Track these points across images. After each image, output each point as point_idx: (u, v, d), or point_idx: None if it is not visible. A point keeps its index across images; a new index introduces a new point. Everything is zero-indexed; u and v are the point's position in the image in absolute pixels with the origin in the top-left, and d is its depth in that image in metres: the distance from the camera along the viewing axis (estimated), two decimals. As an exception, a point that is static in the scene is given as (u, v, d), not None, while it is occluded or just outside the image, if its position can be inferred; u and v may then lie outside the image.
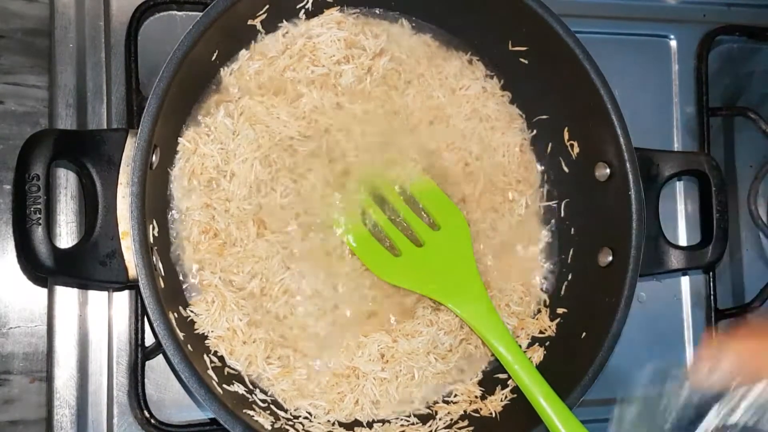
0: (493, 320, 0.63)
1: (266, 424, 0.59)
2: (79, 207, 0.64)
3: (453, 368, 0.66)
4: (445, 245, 0.65)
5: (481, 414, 0.65)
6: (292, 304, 0.63)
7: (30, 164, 0.54)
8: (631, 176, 0.63)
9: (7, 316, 0.66)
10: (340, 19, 0.66)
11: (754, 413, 0.48)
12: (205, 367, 0.58)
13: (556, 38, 0.64)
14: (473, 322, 0.63)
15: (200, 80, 0.63)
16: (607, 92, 0.64)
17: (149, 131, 0.55)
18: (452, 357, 0.66)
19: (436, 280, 0.65)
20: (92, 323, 0.64)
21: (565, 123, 0.68)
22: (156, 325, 0.54)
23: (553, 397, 0.59)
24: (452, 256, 0.65)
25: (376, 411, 0.64)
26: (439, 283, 0.64)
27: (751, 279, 0.81)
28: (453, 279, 0.64)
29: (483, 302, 0.64)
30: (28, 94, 0.68)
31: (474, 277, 0.65)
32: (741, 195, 0.82)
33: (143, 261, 0.53)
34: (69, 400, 0.63)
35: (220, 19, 0.58)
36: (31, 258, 0.54)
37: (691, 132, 0.80)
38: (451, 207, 0.66)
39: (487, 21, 0.67)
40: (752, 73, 0.85)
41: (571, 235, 0.69)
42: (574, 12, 0.73)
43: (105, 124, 0.66)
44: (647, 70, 0.81)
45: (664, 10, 0.82)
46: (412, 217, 0.66)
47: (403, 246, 0.65)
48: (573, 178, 0.69)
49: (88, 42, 0.66)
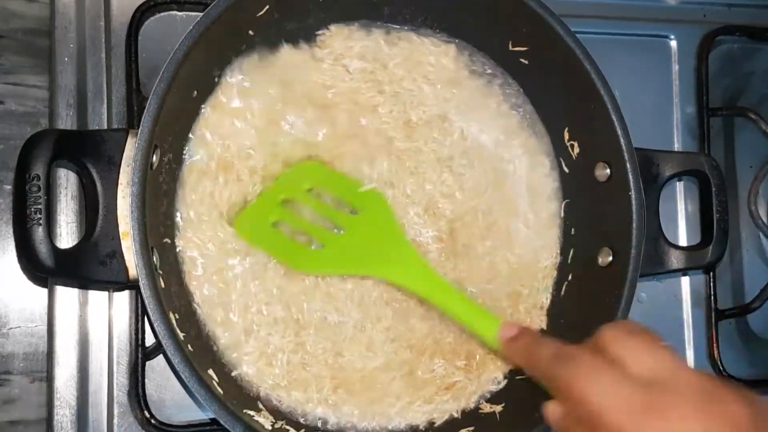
0: (423, 272, 0.61)
1: (266, 424, 0.59)
2: (79, 207, 0.64)
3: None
4: (366, 224, 0.64)
5: (482, 414, 0.65)
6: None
7: (30, 164, 0.54)
8: (631, 176, 0.63)
9: (7, 316, 0.66)
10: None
11: None
12: (206, 367, 0.58)
13: (556, 38, 0.64)
14: (404, 283, 0.62)
15: (201, 80, 0.63)
16: (607, 92, 0.64)
17: (149, 131, 0.55)
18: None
19: (362, 257, 0.63)
20: (92, 323, 0.64)
21: (565, 123, 0.68)
22: (156, 326, 0.54)
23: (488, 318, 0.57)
24: (376, 231, 0.64)
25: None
26: (365, 259, 0.63)
27: (751, 279, 0.81)
28: (380, 251, 0.63)
29: (412, 261, 0.62)
30: (28, 94, 0.68)
31: (400, 243, 0.63)
32: (741, 195, 0.82)
33: (143, 261, 0.53)
34: (69, 400, 0.63)
35: (220, 19, 0.58)
36: (31, 258, 0.54)
37: (691, 132, 0.80)
38: (359, 187, 0.65)
39: (486, 21, 0.67)
40: (752, 73, 0.85)
41: (571, 235, 0.69)
42: (574, 12, 0.73)
43: (105, 124, 0.66)
44: (647, 70, 0.81)
45: (664, 11, 0.82)
46: (325, 209, 0.64)
47: (323, 237, 0.64)
48: (573, 178, 0.69)
49: (89, 42, 0.66)
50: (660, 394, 0.39)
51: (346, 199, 0.65)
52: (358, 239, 0.63)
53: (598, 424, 0.40)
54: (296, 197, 0.64)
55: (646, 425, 0.39)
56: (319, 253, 0.63)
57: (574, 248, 0.69)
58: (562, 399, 0.44)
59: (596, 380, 0.41)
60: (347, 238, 0.63)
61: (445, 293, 0.60)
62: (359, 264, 0.63)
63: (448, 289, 0.60)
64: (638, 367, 0.41)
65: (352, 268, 0.64)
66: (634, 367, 0.41)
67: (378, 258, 0.63)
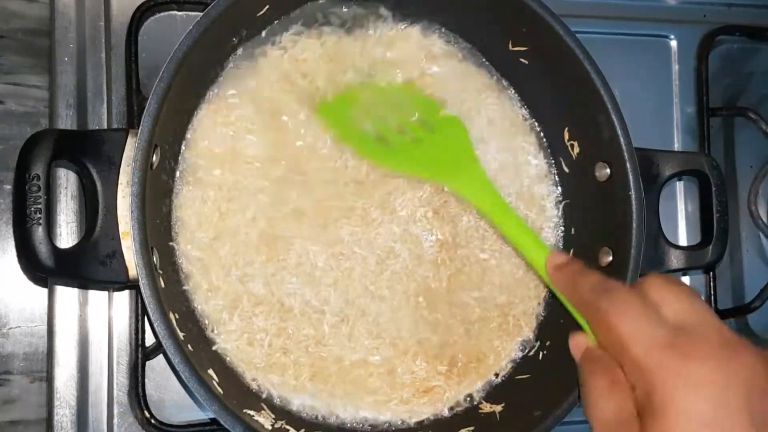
0: (488, 191, 0.62)
1: (266, 423, 0.59)
2: (79, 207, 0.64)
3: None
4: (442, 140, 0.66)
5: (482, 413, 0.65)
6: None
7: (30, 164, 0.54)
8: (631, 176, 0.63)
9: (7, 316, 0.66)
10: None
11: None
12: (206, 367, 0.58)
13: (556, 38, 0.64)
14: (470, 196, 0.63)
15: (201, 80, 0.63)
16: (607, 92, 0.64)
17: (149, 131, 0.55)
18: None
19: (435, 165, 0.65)
20: (92, 323, 0.64)
21: (565, 123, 0.68)
22: (156, 325, 0.54)
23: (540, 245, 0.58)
24: (450, 148, 0.65)
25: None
26: (438, 168, 0.65)
27: (751, 279, 0.81)
28: (452, 164, 0.65)
29: (480, 179, 0.63)
30: (28, 94, 0.68)
31: (472, 160, 0.65)
32: (741, 195, 0.82)
33: (143, 261, 0.53)
34: (69, 400, 0.63)
35: (220, 19, 0.58)
36: (31, 258, 0.54)
37: (691, 132, 0.80)
38: (440, 110, 0.67)
39: (486, 21, 0.67)
40: (752, 73, 0.85)
41: (571, 235, 0.69)
42: (574, 12, 0.73)
43: (105, 124, 0.66)
44: (647, 70, 0.81)
45: (664, 10, 0.82)
46: (405, 120, 0.66)
47: (400, 142, 0.65)
48: (573, 178, 0.69)
49: (89, 42, 0.66)
50: (686, 338, 0.41)
51: (426, 118, 0.66)
52: (433, 151, 0.65)
53: (622, 353, 0.43)
54: (379, 104, 0.66)
55: (665, 362, 0.40)
56: (396, 152, 0.65)
57: (574, 248, 0.69)
58: (594, 326, 0.46)
59: (629, 313, 0.43)
60: (423, 148, 0.65)
61: (505, 214, 0.61)
62: (431, 171, 0.65)
63: (507, 211, 0.61)
64: (671, 311, 0.43)
65: (423, 171, 0.65)
66: (668, 312, 0.43)
67: (450, 169, 0.64)
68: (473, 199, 0.63)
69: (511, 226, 0.60)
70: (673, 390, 0.40)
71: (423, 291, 0.66)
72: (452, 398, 0.66)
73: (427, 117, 0.66)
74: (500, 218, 0.61)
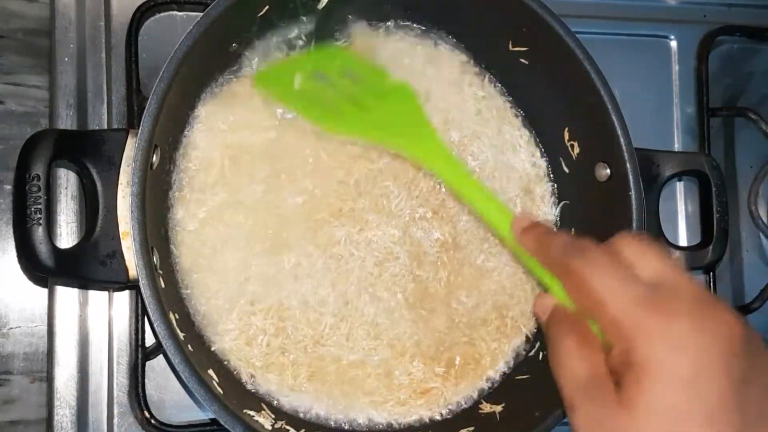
0: (444, 156, 0.60)
1: (266, 424, 0.59)
2: (79, 207, 0.64)
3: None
4: (393, 106, 0.63)
5: (482, 413, 0.65)
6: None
7: (30, 164, 0.54)
8: (631, 176, 0.63)
9: (7, 317, 0.66)
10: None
11: None
12: (206, 367, 0.58)
13: (556, 38, 0.64)
14: (425, 161, 0.61)
15: (202, 79, 0.63)
16: (607, 92, 0.64)
17: (150, 131, 0.55)
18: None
19: (387, 130, 0.63)
20: (92, 323, 0.64)
21: (565, 123, 0.68)
22: (156, 326, 0.54)
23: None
24: (402, 113, 0.63)
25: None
26: (389, 132, 0.63)
27: (751, 279, 0.81)
28: (405, 129, 0.62)
29: (434, 144, 0.61)
30: (28, 94, 0.68)
31: (425, 125, 0.62)
32: (741, 195, 0.82)
33: (143, 261, 0.53)
34: (69, 400, 0.63)
35: (220, 19, 0.58)
36: (31, 258, 0.54)
37: (691, 132, 0.80)
38: (388, 77, 0.65)
39: (486, 21, 0.67)
40: (752, 73, 0.85)
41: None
42: (574, 12, 0.73)
43: (105, 124, 0.66)
44: (647, 70, 0.81)
45: (665, 11, 0.82)
46: (353, 86, 0.63)
47: (349, 108, 0.63)
48: (573, 178, 0.69)
49: (89, 42, 0.66)
50: (663, 295, 0.41)
51: (375, 85, 0.64)
52: (384, 116, 0.63)
53: (598, 312, 0.42)
54: (325, 70, 0.64)
55: (644, 321, 0.40)
56: (346, 116, 0.63)
57: (574, 248, 0.69)
58: (567, 287, 0.45)
59: (604, 271, 0.42)
60: (374, 114, 0.63)
61: (463, 179, 0.58)
62: (384, 135, 0.63)
63: (465, 176, 0.58)
64: (647, 270, 0.42)
65: (375, 136, 0.63)
66: (643, 270, 0.42)
67: (402, 133, 0.62)
68: (430, 164, 0.60)
69: (472, 191, 0.57)
70: (654, 348, 0.39)
71: (421, 292, 0.66)
72: (449, 400, 0.66)
73: (376, 83, 0.64)
74: (459, 183, 0.58)
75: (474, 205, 0.57)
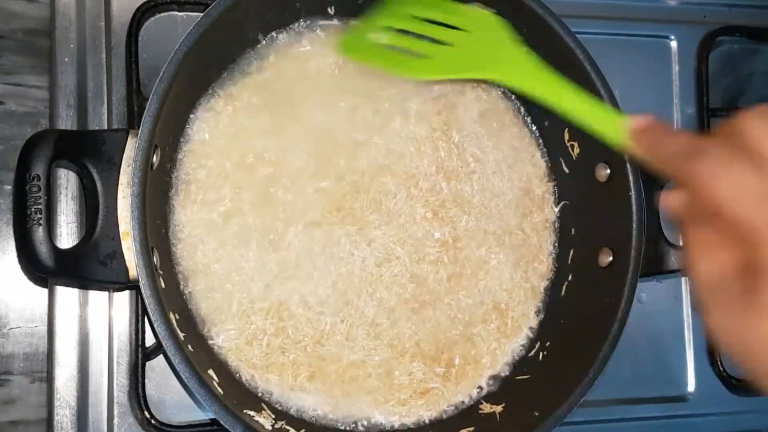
0: (539, 72, 0.59)
1: (267, 424, 0.59)
2: (79, 207, 0.64)
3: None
4: (476, 36, 0.62)
5: (482, 414, 0.65)
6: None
7: (31, 164, 0.54)
8: (632, 176, 0.63)
9: (8, 317, 0.66)
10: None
11: None
12: (206, 367, 0.58)
13: (556, 38, 0.64)
14: (520, 83, 0.60)
15: (202, 79, 0.63)
16: (607, 92, 0.64)
17: (150, 131, 0.55)
18: None
19: (474, 62, 0.62)
20: (93, 323, 0.64)
21: (565, 123, 0.68)
22: (156, 326, 0.54)
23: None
24: (487, 41, 0.62)
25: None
26: (477, 63, 0.62)
27: (751, 279, 0.81)
28: (492, 56, 0.61)
29: (526, 62, 0.60)
30: (28, 94, 0.68)
31: (512, 45, 0.61)
32: (741, 195, 0.82)
33: (144, 261, 0.53)
34: (69, 400, 0.63)
35: (220, 19, 0.58)
36: (31, 258, 0.54)
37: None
38: (464, 8, 0.64)
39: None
40: (752, 73, 0.85)
41: (571, 236, 0.69)
42: (574, 12, 0.73)
43: (106, 125, 0.66)
44: (647, 70, 0.81)
45: (665, 11, 0.82)
46: (432, 28, 0.63)
47: (431, 50, 0.62)
48: (573, 178, 0.69)
49: (89, 42, 0.66)
50: None
51: (454, 20, 0.63)
52: (468, 49, 0.62)
53: (726, 217, 0.40)
54: (400, 23, 0.63)
55: None
56: (430, 60, 0.62)
57: (574, 248, 0.69)
58: (689, 190, 0.43)
59: (727, 174, 0.40)
60: (457, 49, 0.62)
61: (567, 94, 0.57)
62: (472, 68, 0.62)
63: (569, 90, 0.57)
64: None
65: (463, 71, 0.63)
66: None
67: (491, 61, 0.61)
68: (530, 89, 0.59)
69: (576, 103, 0.56)
70: None
71: (422, 293, 0.66)
72: (449, 400, 0.66)
73: (454, 19, 0.63)
74: (564, 100, 0.56)
75: (581, 116, 0.55)
